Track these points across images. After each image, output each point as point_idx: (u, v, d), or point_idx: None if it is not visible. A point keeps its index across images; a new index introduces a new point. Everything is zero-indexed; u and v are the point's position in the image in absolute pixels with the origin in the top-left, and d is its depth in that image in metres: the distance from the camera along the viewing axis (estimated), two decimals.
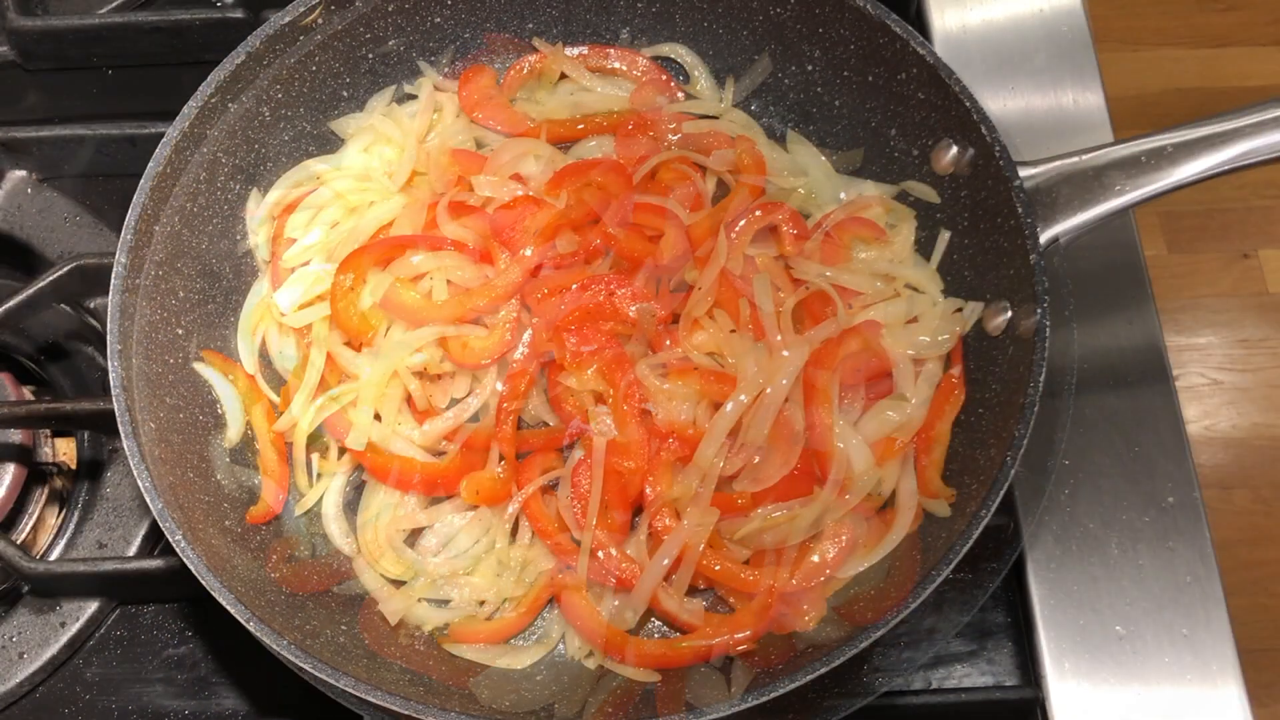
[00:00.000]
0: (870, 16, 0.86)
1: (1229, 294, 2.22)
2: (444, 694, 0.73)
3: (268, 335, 0.89)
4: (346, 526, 0.84)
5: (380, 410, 0.85)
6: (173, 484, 0.76)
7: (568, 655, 0.81)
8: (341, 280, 0.86)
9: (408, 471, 0.83)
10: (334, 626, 0.78)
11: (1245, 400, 2.11)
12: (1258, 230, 2.29)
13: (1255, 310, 2.22)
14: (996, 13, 1.02)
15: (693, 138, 0.92)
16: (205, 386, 0.86)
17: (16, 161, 0.98)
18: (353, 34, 0.92)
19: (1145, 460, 0.85)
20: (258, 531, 0.82)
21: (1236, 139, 0.77)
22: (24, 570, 0.82)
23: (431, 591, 0.82)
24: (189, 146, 0.85)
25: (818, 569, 0.79)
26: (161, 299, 0.84)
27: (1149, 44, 2.41)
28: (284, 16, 0.87)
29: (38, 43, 1.03)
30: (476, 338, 0.85)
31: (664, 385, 0.82)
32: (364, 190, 0.91)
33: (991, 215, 0.82)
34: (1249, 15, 2.44)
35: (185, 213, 0.86)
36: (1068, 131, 0.97)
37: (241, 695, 0.83)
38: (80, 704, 0.83)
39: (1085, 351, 0.89)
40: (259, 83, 0.88)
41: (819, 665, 0.70)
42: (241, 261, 0.90)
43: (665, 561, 0.79)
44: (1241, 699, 0.78)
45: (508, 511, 0.82)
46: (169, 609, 0.86)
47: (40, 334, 0.96)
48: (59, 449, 0.92)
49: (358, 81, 0.94)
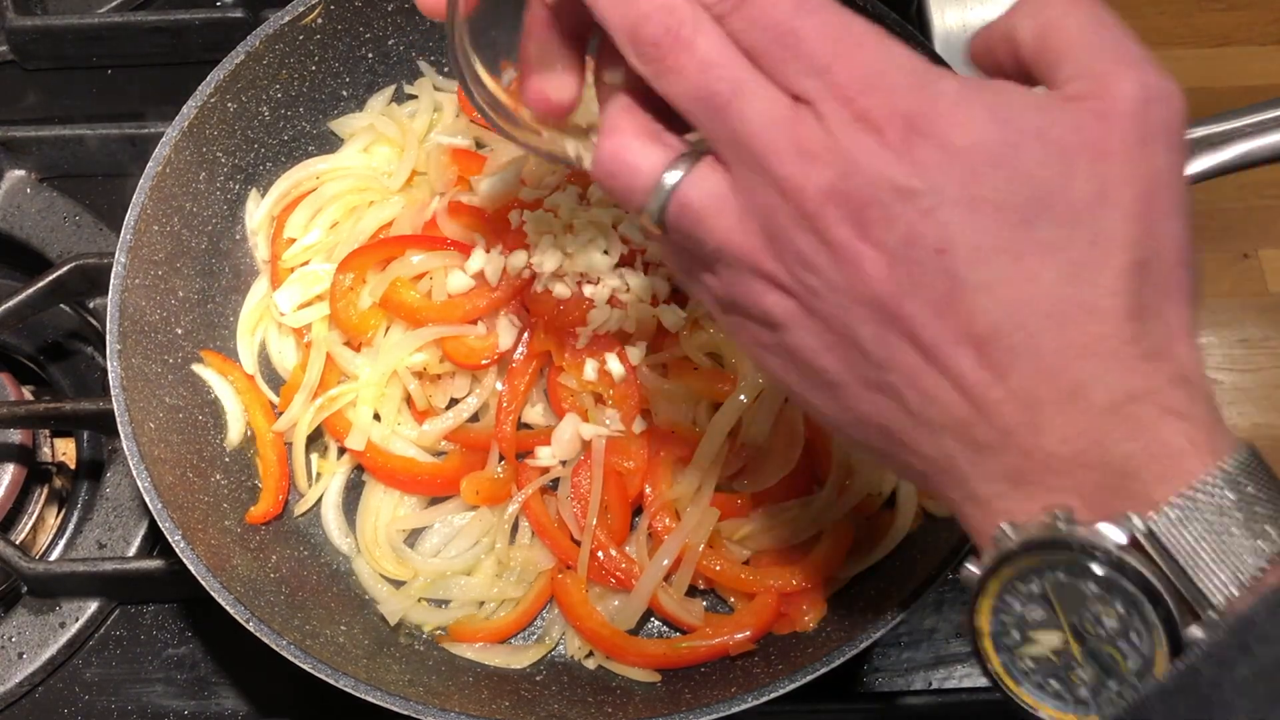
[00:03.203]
0: (870, 16, 0.86)
1: (1229, 294, 2.22)
2: (444, 694, 0.73)
3: (267, 335, 0.89)
4: (346, 527, 0.84)
5: (380, 410, 0.85)
6: (172, 484, 0.76)
7: (568, 655, 0.81)
8: (341, 280, 0.86)
9: (407, 471, 0.83)
10: (334, 626, 0.78)
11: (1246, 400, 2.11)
12: (1258, 230, 2.28)
13: (1256, 310, 2.22)
14: (997, 12, 1.01)
15: None
16: (205, 386, 0.86)
17: (16, 161, 0.98)
18: (353, 34, 0.92)
19: None
20: (257, 531, 0.82)
21: (1237, 139, 0.77)
22: (23, 570, 0.82)
23: (431, 592, 0.82)
24: (189, 146, 0.85)
25: (818, 569, 0.79)
26: (161, 299, 0.84)
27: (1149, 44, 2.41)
28: (284, 16, 0.87)
29: (36, 42, 1.03)
30: (476, 338, 0.85)
31: (664, 385, 0.82)
32: (364, 190, 0.91)
33: None
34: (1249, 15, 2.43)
35: (185, 213, 0.86)
36: None
37: (241, 695, 0.83)
38: (80, 704, 0.83)
39: None
40: (259, 82, 0.88)
41: (819, 665, 0.70)
42: (241, 262, 0.90)
43: (665, 561, 0.79)
44: None
45: (508, 512, 0.82)
46: (169, 609, 0.86)
47: (40, 334, 0.96)
48: (59, 449, 0.92)
49: (358, 81, 0.94)
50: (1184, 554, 0.45)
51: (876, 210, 0.47)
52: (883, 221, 0.47)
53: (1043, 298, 0.47)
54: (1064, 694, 0.47)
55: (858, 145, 0.47)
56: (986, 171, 0.47)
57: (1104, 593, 0.46)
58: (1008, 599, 0.48)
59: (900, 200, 0.47)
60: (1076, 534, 0.46)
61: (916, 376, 0.49)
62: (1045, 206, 0.47)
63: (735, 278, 0.52)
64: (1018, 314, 0.47)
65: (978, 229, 0.47)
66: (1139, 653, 0.46)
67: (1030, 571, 0.47)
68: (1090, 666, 0.47)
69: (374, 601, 0.82)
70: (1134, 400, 0.46)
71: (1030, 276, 0.47)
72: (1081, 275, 0.47)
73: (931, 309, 0.47)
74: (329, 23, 0.89)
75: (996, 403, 0.47)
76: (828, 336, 0.50)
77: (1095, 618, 0.47)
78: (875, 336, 0.49)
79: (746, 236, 0.51)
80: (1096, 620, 0.47)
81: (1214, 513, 0.45)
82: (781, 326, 0.52)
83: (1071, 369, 0.47)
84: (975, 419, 0.48)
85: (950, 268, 0.47)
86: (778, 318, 0.51)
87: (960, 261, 0.47)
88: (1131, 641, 0.46)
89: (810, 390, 0.53)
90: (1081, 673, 0.47)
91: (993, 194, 0.47)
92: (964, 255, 0.47)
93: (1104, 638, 0.46)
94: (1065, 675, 0.47)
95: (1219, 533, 0.45)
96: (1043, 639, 0.48)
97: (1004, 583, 0.48)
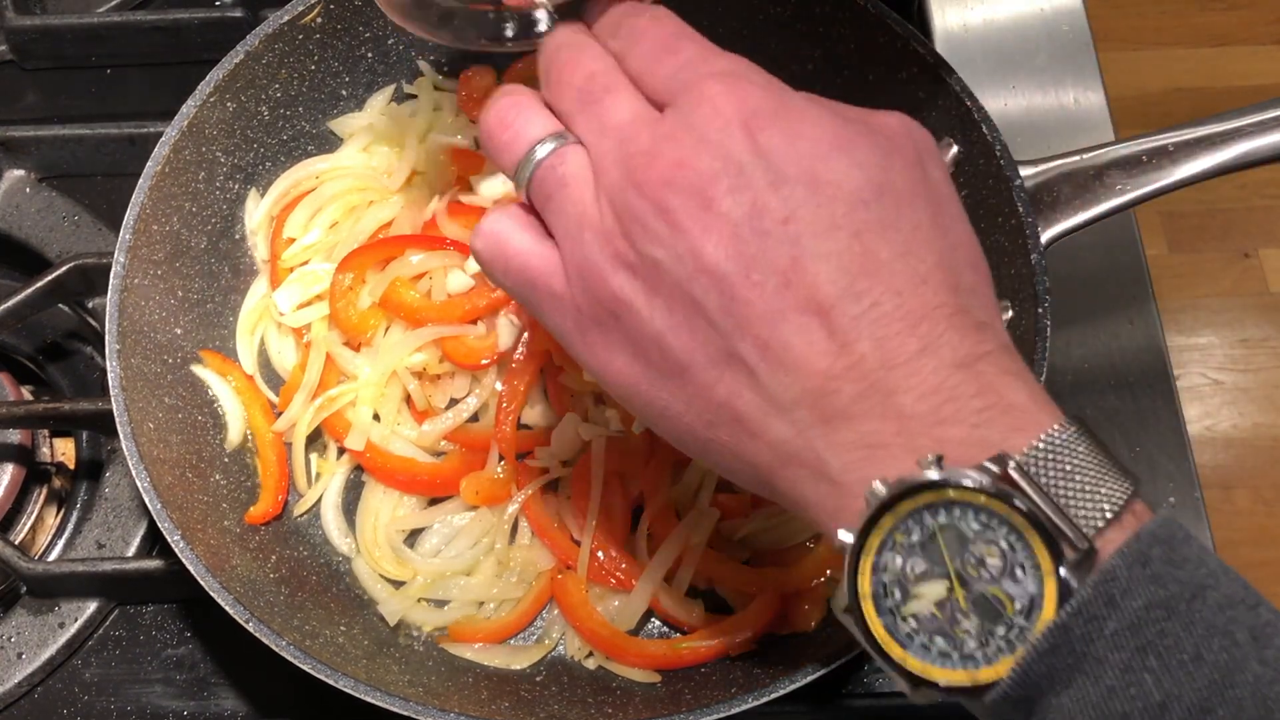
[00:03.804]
0: (870, 15, 0.86)
1: (1230, 294, 2.22)
2: (444, 695, 0.73)
3: (266, 335, 0.89)
4: (345, 527, 0.84)
5: (379, 410, 0.85)
6: (171, 484, 0.76)
7: (568, 655, 0.80)
8: (340, 280, 0.86)
9: (407, 472, 0.83)
10: (333, 627, 0.77)
11: (1246, 400, 2.11)
12: (1258, 230, 2.29)
13: (1256, 310, 2.22)
14: (998, 12, 1.02)
15: None
16: (204, 386, 0.85)
17: (15, 161, 0.98)
18: (353, 34, 0.92)
19: (1147, 460, 0.85)
20: (257, 532, 0.82)
21: (1237, 139, 0.77)
22: (22, 570, 0.81)
23: (430, 592, 0.82)
24: (188, 146, 0.85)
25: (818, 569, 0.79)
26: (161, 299, 0.84)
27: (1150, 44, 2.42)
28: (283, 16, 0.87)
29: (35, 42, 1.03)
30: (476, 338, 0.85)
31: None
32: (363, 190, 0.91)
33: (992, 214, 0.81)
34: (1250, 15, 2.44)
35: (184, 213, 0.86)
36: (1069, 131, 0.97)
37: (241, 695, 0.82)
38: (79, 704, 0.82)
39: (1086, 351, 0.89)
40: (258, 82, 0.88)
41: (819, 665, 0.70)
42: (240, 261, 0.90)
43: (665, 562, 0.79)
44: None
45: (507, 512, 0.82)
46: (168, 609, 0.85)
47: (39, 334, 0.96)
48: (58, 449, 0.92)
49: (357, 81, 0.94)
50: (1055, 486, 0.47)
51: (723, 182, 0.51)
52: (729, 193, 0.51)
53: (883, 270, 0.50)
54: (950, 650, 0.47)
55: (710, 127, 0.52)
56: (830, 155, 0.51)
57: (985, 528, 0.47)
58: (887, 554, 0.48)
59: (747, 173, 0.51)
60: (953, 472, 0.47)
61: (766, 345, 0.50)
62: (879, 192, 0.51)
63: (584, 259, 0.54)
64: (860, 283, 0.50)
65: (820, 205, 0.51)
66: (1024, 590, 0.46)
67: (909, 517, 0.47)
68: (975, 615, 0.47)
69: (373, 602, 0.82)
70: (978, 359, 0.49)
71: (869, 251, 0.50)
72: (913, 252, 0.51)
73: (778, 277, 0.50)
74: (328, 22, 0.89)
75: (847, 368, 0.49)
76: (674, 313, 0.52)
77: (979, 559, 0.47)
78: (721, 306, 0.51)
79: (600, 214, 0.54)
80: (979, 561, 0.47)
81: (1070, 456, 0.47)
82: (627, 308, 0.53)
83: (918, 331, 0.49)
84: (828, 386, 0.50)
85: (795, 236, 0.50)
86: (625, 297, 0.53)
87: (805, 232, 0.50)
88: (1016, 579, 0.46)
89: (660, 384, 0.54)
90: (967, 624, 0.47)
91: (835, 176, 0.51)
92: (808, 227, 0.50)
93: (988, 578, 0.47)
94: (950, 630, 0.47)
95: (1077, 472, 0.47)
96: (926, 591, 0.48)
97: (883, 536, 0.48)
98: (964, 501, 0.47)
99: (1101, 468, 0.48)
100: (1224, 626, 0.44)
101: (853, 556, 0.49)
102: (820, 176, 0.51)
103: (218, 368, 0.86)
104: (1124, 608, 0.44)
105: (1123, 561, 0.45)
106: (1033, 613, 0.46)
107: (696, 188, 0.51)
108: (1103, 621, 0.44)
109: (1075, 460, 0.47)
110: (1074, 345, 0.88)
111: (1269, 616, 0.45)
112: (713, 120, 0.52)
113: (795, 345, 0.50)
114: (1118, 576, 0.44)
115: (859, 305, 0.49)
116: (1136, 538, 0.45)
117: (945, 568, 0.47)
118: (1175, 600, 0.44)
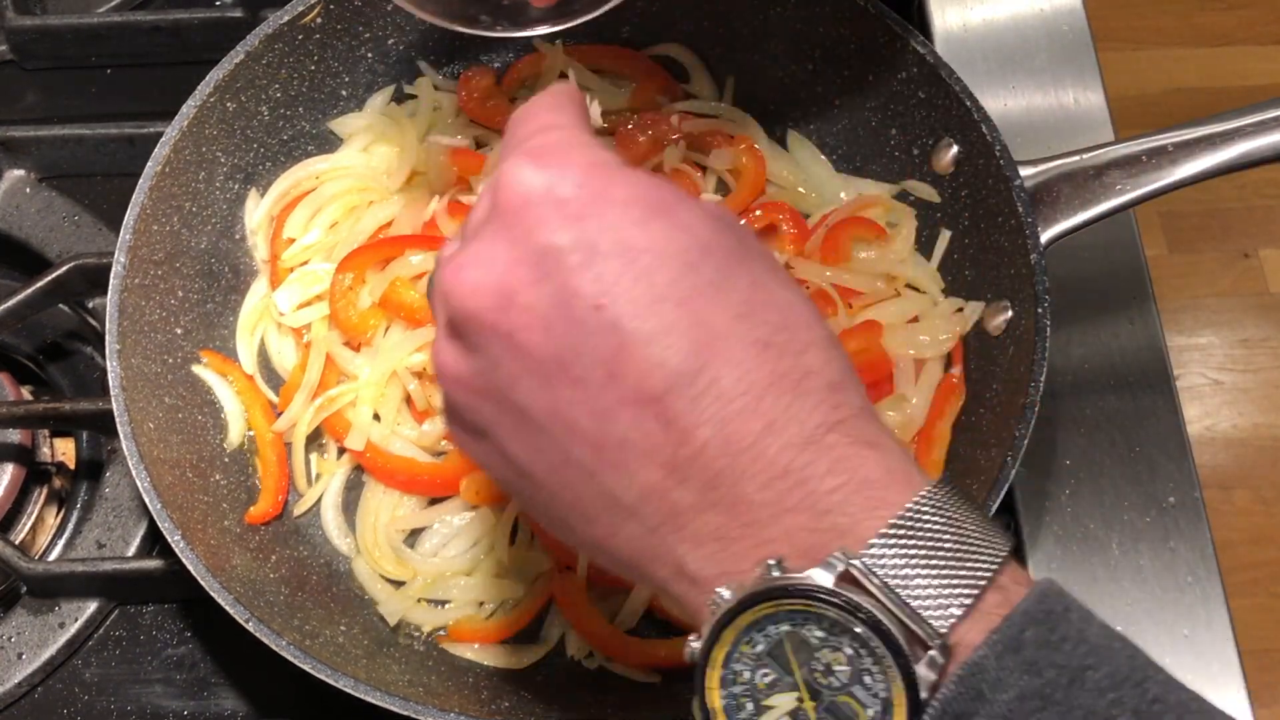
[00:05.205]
0: (870, 15, 0.86)
1: (1229, 294, 2.22)
2: (444, 694, 0.73)
3: (267, 335, 0.89)
4: (345, 527, 0.84)
5: (379, 410, 0.85)
6: (172, 484, 0.76)
7: (568, 655, 0.80)
8: (340, 280, 0.86)
9: (407, 472, 0.83)
10: (333, 627, 0.77)
11: (1246, 400, 2.11)
12: (1258, 230, 2.29)
13: (1256, 310, 2.22)
14: (997, 12, 1.02)
15: (692, 137, 0.92)
16: (204, 386, 0.85)
17: (15, 161, 0.98)
18: (352, 34, 0.92)
19: (1146, 460, 0.85)
20: (257, 532, 0.82)
21: (1237, 139, 0.77)
22: (22, 570, 0.81)
23: (430, 592, 0.82)
24: (188, 146, 0.85)
25: None
26: (161, 299, 0.84)
27: (1150, 44, 2.42)
28: (283, 16, 0.87)
29: (35, 42, 1.03)
30: None
31: None
32: (363, 190, 0.91)
33: (992, 214, 0.81)
34: (1250, 15, 2.44)
35: (184, 213, 0.86)
36: (1069, 131, 0.97)
37: (241, 695, 0.82)
38: (79, 704, 0.82)
39: (1086, 351, 0.89)
40: (258, 82, 0.88)
41: None
42: (240, 261, 0.90)
43: None
44: (1243, 699, 0.77)
45: (507, 512, 0.82)
46: (168, 609, 0.85)
47: (39, 334, 0.96)
48: (58, 449, 0.92)
49: (357, 81, 0.94)
50: (900, 582, 0.43)
51: (521, 273, 0.46)
52: (532, 285, 0.46)
53: (718, 340, 0.45)
54: None
55: (508, 211, 0.47)
56: (647, 219, 0.46)
57: (829, 635, 0.44)
58: (735, 667, 0.45)
59: (549, 258, 0.46)
60: (791, 579, 0.43)
61: (600, 447, 0.46)
62: (707, 251, 0.46)
63: (439, 368, 0.52)
64: (693, 360, 0.45)
65: (639, 278, 0.45)
66: (875, 697, 0.43)
67: (751, 629, 0.44)
68: None
69: (373, 602, 0.82)
70: (829, 430, 0.45)
71: (700, 321, 0.45)
72: (753, 314, 0.46)
73: (602, 370, 0.45)
74: (328, 22, 0.89)
75: (688, 460, 0.45)
76: (506, 421, 0.49)
77: (826, 667, 0.44)
78: (548, 410, 0.47)
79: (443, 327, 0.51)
80: (827, 669, 0.44)
81: (924, 538, 0.44)
82: (467, 414, 0.51)
83: (761, 408, 0.45)
84: (670, 482, 0.46)
85: (613, 321, 0.45)
86: (460, 404, 0.51)
87: (624, 313, 0.45)
88: (866, 685, 0.43)
89: (521, 486, 0.51)
90: None
91: (652, 243, 0.46)
92: (627, 307, 0.45)
93: (838, 687, 0.44)
94: None
95: (932, 557, 0.43)
96: (778, 703, 0.44)
97: (728, 649, 0.45)
98: (805, 610, 0.43)
99: (961, 543, 0.44)
100: (1105, 712, 0.41)
101: (700, 672, 0.45)
102: (634, 244, 0.45)
103: (218, 368, 0.86)
104: (994, 701, 0.41)
105: (991, 651, 0.41)
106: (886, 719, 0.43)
107: (497, 288, 0.47)
108: (972, 718, 0.41)
109: (930, 541, 0.44)
110: (1074, 345, 0.88)
111: (1157, 692, 0.42)
112: (511, 202, 0.47)
113: (631, 441, 0.45)
114: (986, 668, 0.41)
115: (694, 387, 0.45)
116: (1008, 621, 0.42)
117: (794, 677, 0.44)
118: (1051, 688, 0.41)
